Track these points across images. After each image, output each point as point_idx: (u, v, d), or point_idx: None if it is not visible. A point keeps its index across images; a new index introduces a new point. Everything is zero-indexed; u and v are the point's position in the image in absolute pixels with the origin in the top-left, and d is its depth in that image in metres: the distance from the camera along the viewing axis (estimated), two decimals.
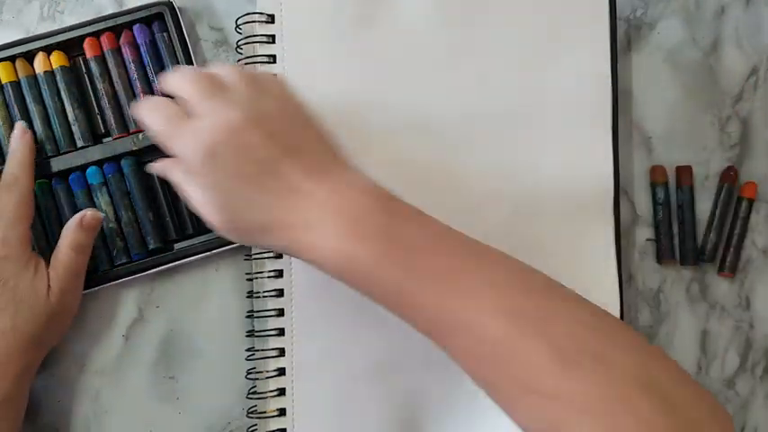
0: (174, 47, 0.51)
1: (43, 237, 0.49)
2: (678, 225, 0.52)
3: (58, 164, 0.50)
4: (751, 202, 0.52)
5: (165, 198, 0.50)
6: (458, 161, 0.48)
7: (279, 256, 0.48)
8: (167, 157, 0.40)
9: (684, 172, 0.52)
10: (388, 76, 0.49)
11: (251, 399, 0.48)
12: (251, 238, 0.41)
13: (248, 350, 0.49)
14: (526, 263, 0.38)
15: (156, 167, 0.42)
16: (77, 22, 0.51)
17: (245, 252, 0.50)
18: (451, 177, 0.48)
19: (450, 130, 0.49)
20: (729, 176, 0.52)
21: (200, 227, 0.51)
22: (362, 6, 0.49)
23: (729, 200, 0.52)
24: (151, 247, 0.50)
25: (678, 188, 0.52)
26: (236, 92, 0.39)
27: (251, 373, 0.48)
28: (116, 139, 0.50)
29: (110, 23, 0.51)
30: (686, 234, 0.52)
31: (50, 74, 0.50)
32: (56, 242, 0.49)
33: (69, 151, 0.50)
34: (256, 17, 0.49)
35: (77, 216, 0.47)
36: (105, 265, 0.50)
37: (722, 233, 0.53)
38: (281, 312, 0.48)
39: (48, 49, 0.50)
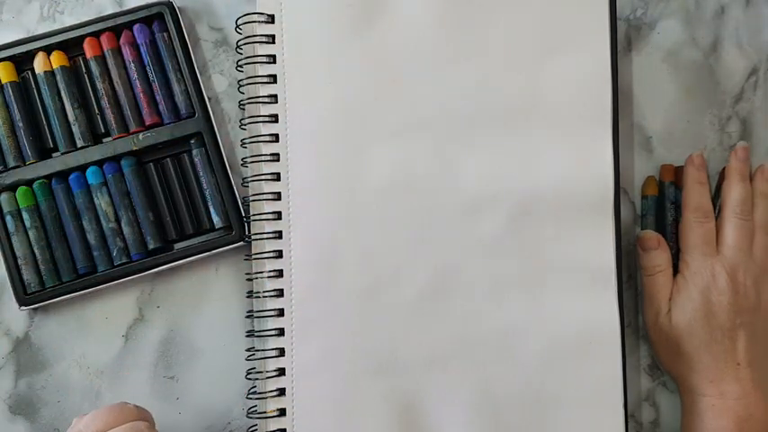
0: (174, 47, 0.51)
1: (43, 237, 0.50)
2: (678, 225, 0.52)
3: (57, 164, 0.50)
4: None
5: (164, 198, 0.50)
6: (457, 161, 0.48)
7: (279, 256, 0.48)
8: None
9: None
10: (388, 76, 0.49)
11: (251, 399, 0.48)
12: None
13: (248, 350, 0.49)
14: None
15: None
16: (77, 22, 0.51)
17: (245, 252, 0.50)
18: (450, 177, 0.48)
19: (450, 130, 0.49)
20: None
21: (199, 227, 0.51)
22: (362, 6, 0.49)
23: None
24: (151, 247, 0.50)
25: (678, 188, 0.52)
26: None
27: (251, 373, 0.48)
28: (116, 139, 0.50)
29: (110, 23, 0.51)
30: None
31: (50, 74, 0.50)
32: (56, 243, 0.49)
33: (69, 151, 0.50)
34: (256, 17, 0.49)
35: None
36: (105, 265, 0.50)
37: None
38: (281, 312, 0.48)
39: (48, 49, 0.50)
